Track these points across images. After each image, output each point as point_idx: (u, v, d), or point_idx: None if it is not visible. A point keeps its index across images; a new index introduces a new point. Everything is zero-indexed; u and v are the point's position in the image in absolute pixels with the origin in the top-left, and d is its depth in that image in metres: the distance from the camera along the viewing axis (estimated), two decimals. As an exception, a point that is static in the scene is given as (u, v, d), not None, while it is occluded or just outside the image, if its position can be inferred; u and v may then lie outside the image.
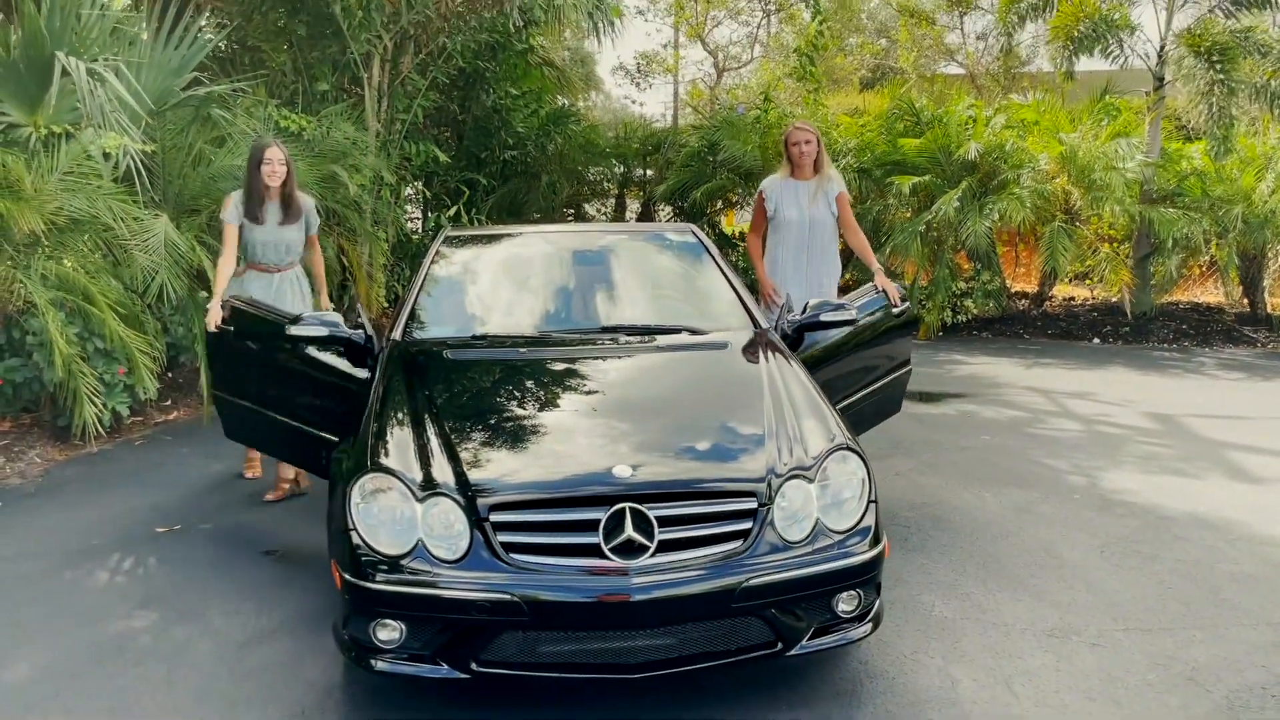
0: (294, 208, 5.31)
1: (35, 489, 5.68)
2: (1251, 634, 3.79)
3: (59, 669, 3.55)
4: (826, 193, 5.57)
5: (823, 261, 5.63)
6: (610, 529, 2.97)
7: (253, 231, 5.22)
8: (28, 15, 6.30)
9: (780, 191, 5.62)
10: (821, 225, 5.57)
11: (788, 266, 5.60)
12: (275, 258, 5.30)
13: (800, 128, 5.62)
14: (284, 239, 5.31)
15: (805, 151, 5.53)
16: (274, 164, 5.14)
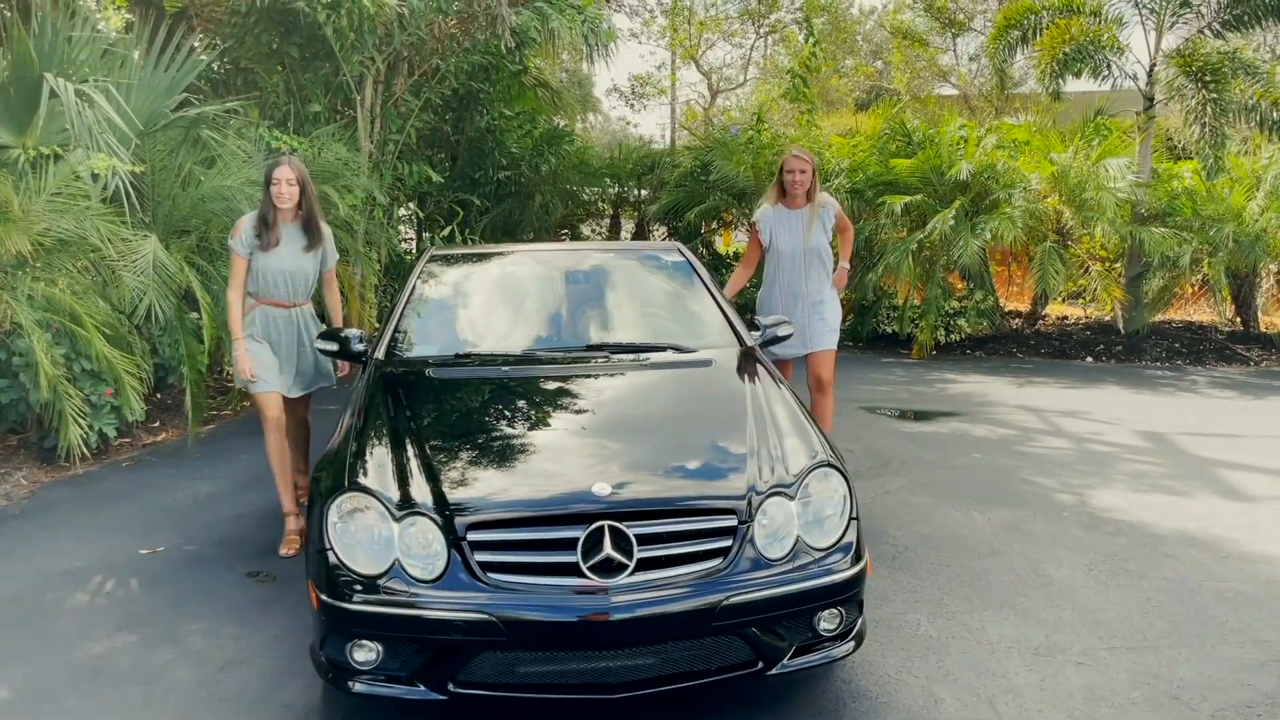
0: (315, 233, 4.86)
1: (21, 511, 5.64)
2: (1238, 652, 3.76)
3: (37, 691, 3.52)
4: (822, 219, 5.62)
5: (820, 287, 5.68)
6: (589, 547, 2.95)
7: (263, 260, 4.75)
8: (17, 37, 6.33)
9: (774, 221, 5.66)
10: (816, 253, 5.63)
11: (785, 295, 5.67)
12: (288, 291, 4.84)
13: (797, 156, 5.61)
14: (301, 269, 4.84)
15: (799, 180, 5.52)
16: (281, 184, 4.67)
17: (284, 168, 4.71)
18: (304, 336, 4.94)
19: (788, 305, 5.59)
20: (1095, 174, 10.67)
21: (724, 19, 22.04)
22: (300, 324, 4.93)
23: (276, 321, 4.85)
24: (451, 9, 9.15)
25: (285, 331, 4.87)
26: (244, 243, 4.76)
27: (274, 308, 4.84)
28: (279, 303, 4.84)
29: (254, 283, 4.81)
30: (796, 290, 5.63)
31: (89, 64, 6.81)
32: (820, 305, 5.66)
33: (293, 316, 4.89)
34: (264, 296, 4.83)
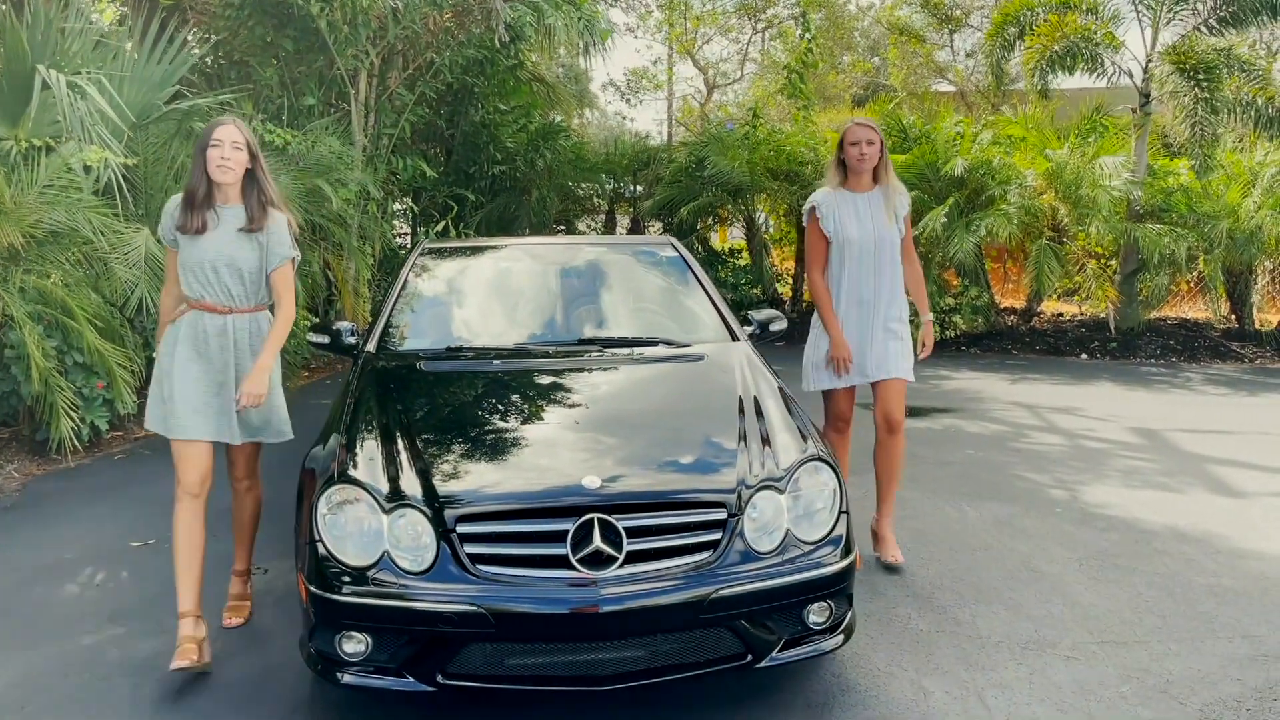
0: (258, 212, 3.66)
1: (12, 503, 5.64)
2: (1227, 647, 3.77)
3: (26, 682, 3.52)
4: (895, 208, 4.46)
5: (893, 294, 4.46)
6: (578, 540, 2.95)
7: (188, 247, 3.59)
8: (9, 29, 6.31)
9: (836, 205, 4.46)
10: (890, 246, 4.43)
11: (848, 302, 4.47)
12: (220, 290, 3.62)
13: (862, 124, 4.43)
14: (234, 261, 3.60)
15: (865, 155, 4.35)
16: (225, 146, 3.53)
17: (228, 126, 3.58)
18: (246, 357, 3.69)
19: (850, 315, 4.46)
20: (1091, 171, 10.68)
21: (720, 14, 22.01)
22: (239, 339, 3.67)
23: (207, 334, 3.61)
24: (446, 3, 9.14)
25: (217, 347, 3.62)
26: (168, 229, 3.66)
27: (204, 313, 3.63)
28: (209, 306, 3.62)
29: (183, 281, 3.66)
30: (864, 295, 4.42)
31: (81, 56, 6.81)
32: (893, 319, 4.46)
33: (228, 328, 3.63)
34: (191, 297, 3.63)
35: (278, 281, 3.73)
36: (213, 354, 3.63)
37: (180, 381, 3.58)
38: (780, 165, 12.39)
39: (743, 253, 14.55)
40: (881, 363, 4.45)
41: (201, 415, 3.60)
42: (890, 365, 4.45)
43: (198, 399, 3.59)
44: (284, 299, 3.76)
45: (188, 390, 3.58)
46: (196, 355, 3.62)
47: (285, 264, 3.74)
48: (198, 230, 3.59)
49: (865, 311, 4.44)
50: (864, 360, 4.45)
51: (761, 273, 13.32)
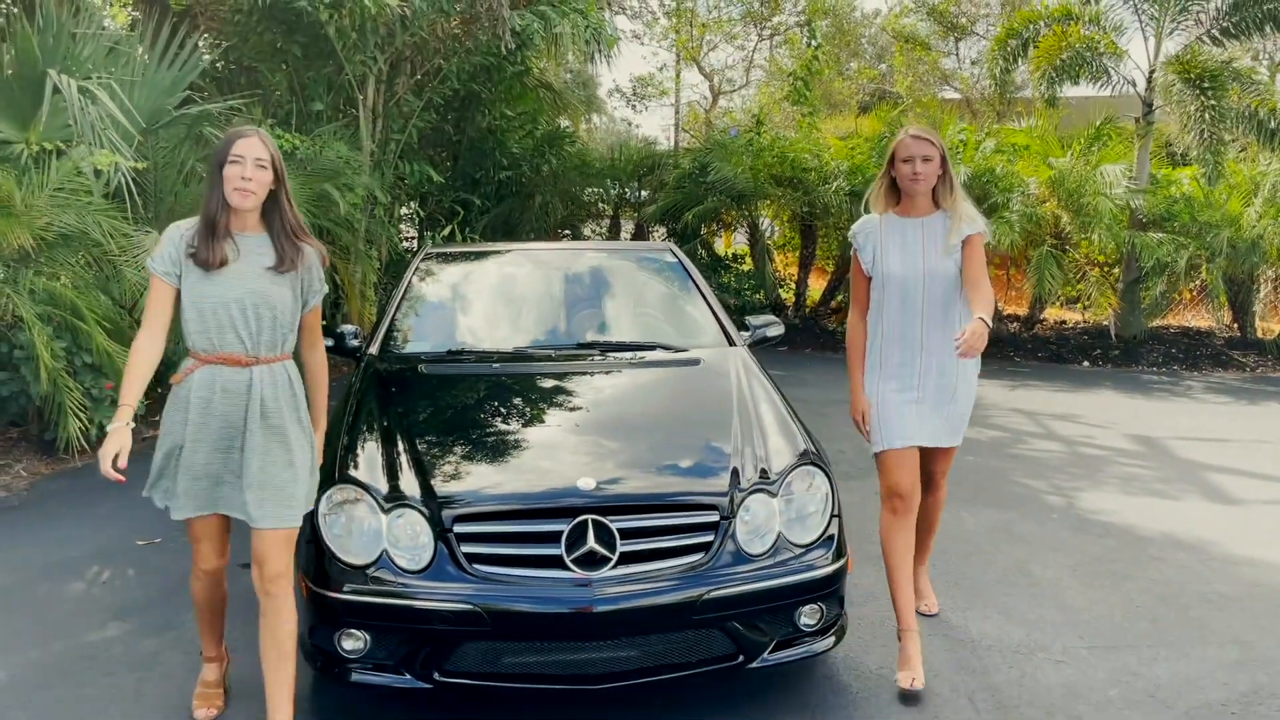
0: (288, 247, 3.01)
1: (20, 501, 5.71)
2: (1217, 652, 3.81)
3: (30, 678, 3.58)
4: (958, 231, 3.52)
5: (947, 342, 3.50)
6: (573, 540, 3.01)
7: (204, 286, 2.91)
8: (21, 33, 6.40)
9: (881, 234, 3.62)
10: (945, 284, 3.53)
11: (891, 352, 3.61)
12: (247, 337, 2.95)
13: (918, 136, 3.49)
14: (267, 299, 2.95)
15: (921, 174, 3.45)
16: (247, 163, 2.87)
17: (250, 139, 2.92)
18: (271, 417, 2.99)
19: (890, 365, 3.60)
20: (1093, 179, 10.73)
21: (726, 21, 22.10)
22: (265, 395, 2.98)
23: (228, 394, 2.95)
24: (454, 10, 9.22)
25: (235, 405, 2.96)
26: (173, 258, 2.94)
27: (224, 367, 2.94)
28: (232, 358, 2.94)
29: (192, 328, 2.95)
30: (910, 339, 3.56)
31: (93, 60, 6.88)
32: (948, 375, 3.57)
33: (252, 383, 2.96)
34: (205, 349, 2.95)
35: (312, 321, 3.22)
36: (228, 413, 2.96)
37: (190, 454, 2.98)
38: (784, 172, 12.45)
39: (746, 258, 14.61)
40: (939, 430, 3.63)
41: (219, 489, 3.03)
42: (944, 431, 3.65)
43: (209, 471, 3.01)
44: (319, 340, 3.29)
45: (198, 463, 2.99)
46: (209, 418, 2.96)
47: (319, 301, 3.21)
48: (219, 264, 2.90)
49: (909, 360, 3.57)
50: (903, 421, 3.57)
51: (764, 278, 13.37)
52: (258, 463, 2.96)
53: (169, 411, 3.04)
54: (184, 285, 2.94)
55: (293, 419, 3.03)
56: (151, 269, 2.98)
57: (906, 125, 3.68)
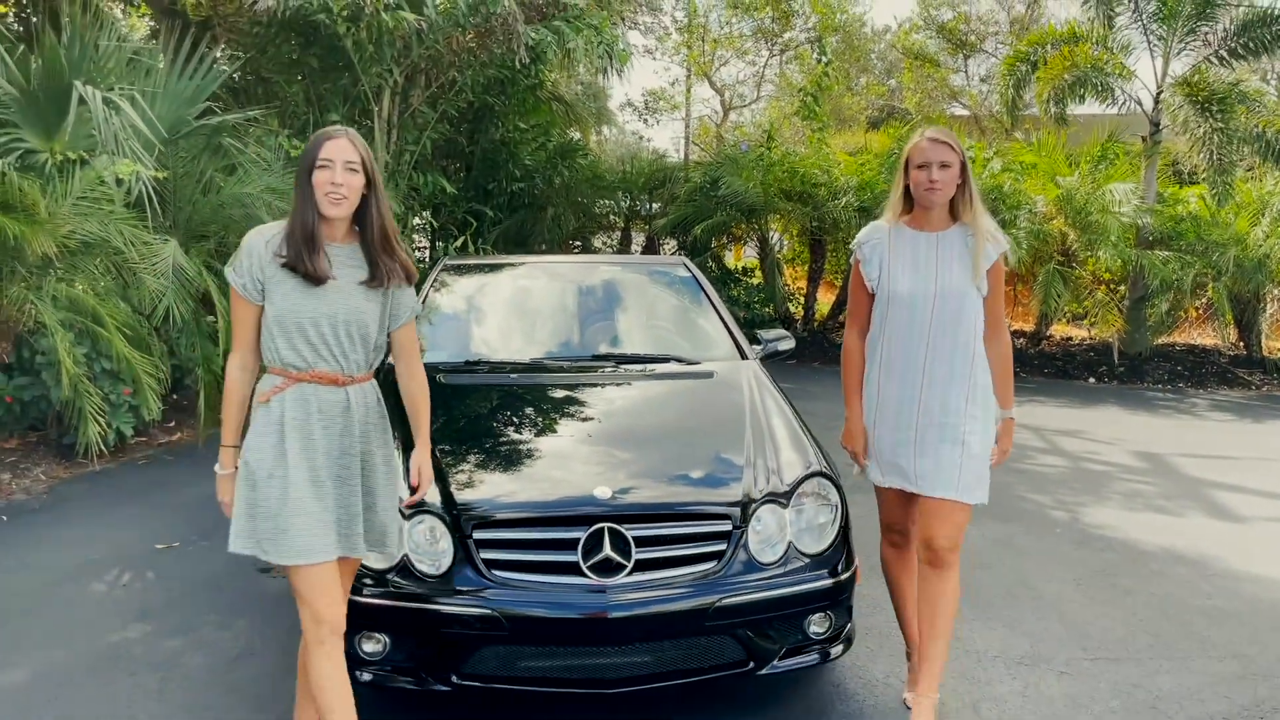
0: (384, 260, 2.79)
1: (40, 505, 5.81)
2: (1218, 666, 3.88)
3: (56, 677, 3.67)
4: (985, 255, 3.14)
5: (953, 375, 3.14)
6: (589, 548, 3.09)
7: (296, 300, 2.67)
8: (48, 45, 6.52)
9: (887, 246, 3.26)
10: (958, 309, 3.13)
11: (891, 381, 3.24)
12: (341, 355, 2.73)
13: (935, 139, 3.11)
14: (360, 317, 2.74)
15: (938, 181, 3.08)
16: (337, 168, 2.62)
17: (339, 140, 2.66)
18: (372, 437, 2.83)
19: (888, 395, 3.25)
20: (1100, 197, 10.81)
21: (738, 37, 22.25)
22: (367, 417, 2.82)
23: (325, 416, 2.72)
24: (469, 24, 9.33)
25: (339, 429, 2.74)
26: (252, 272, 2.70)
27: (319, 386, 2.72)
28: (326, 376, 2.72)
29: (279, 343, 2.70)
30: (908, 371, 3.19)
31: (116, 72, 7.01)
32: (954, 411, 3.14)
33: (350, 403, 2.75)
34: (298, 366, 2.71)
35: (405, 340, 2.96)
36: (332, 439, 2.72)
37: (295, 486, 2.64)
38: (794, 187, 12.56)
39: (756, 272, 14.71)
40: (929, 472, 3.17)
41: (327, 528, 2.69)
42: (939, 478, 3.15)
43: (318, 506, 2.67)
44: (417, 360, 3.01)
45: (304, 496, 2.65)
46: (309, 445, 2.69)
47: (412, 319, 2.98)
48: (318, 278, 2.67)
49: (909, 394, 3.19)
50: (898, 459, 3.24)
51: (774, 292, 13.46)
52: (368, 494, 2.81)
53: (256, 436, 2.70)
54: (271, 298, 2.68)
55: (383, 442, 2.87)
56: (233, 283, 2.72)
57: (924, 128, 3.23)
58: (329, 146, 2.64)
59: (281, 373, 2.71)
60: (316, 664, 2.71)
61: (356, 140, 2.70)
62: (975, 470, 3.16)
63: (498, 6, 8.77)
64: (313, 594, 2.67)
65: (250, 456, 2.69)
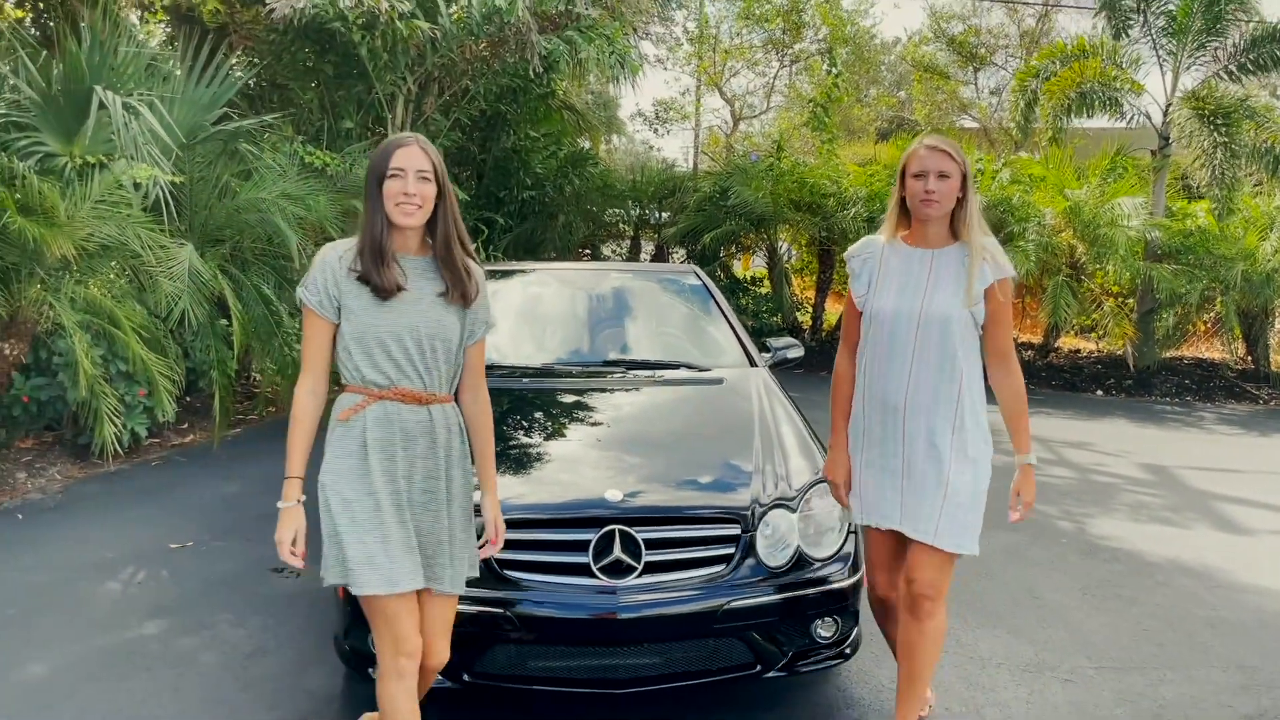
0: (456, 272, 2.64)
1: (55, 504, 5.88)
2: (1221, 676, 3.91)
3: (74, 672, 3.72)
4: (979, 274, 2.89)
5: (938, 403, 2.92)
6: (600, 550, 3.14)
7: (374, 315, 2.57)
8: (69, 51, 6.62)
9: (879, 261, 3.07)
10: (945, 332, 2.90)
11: (874, 407, 3.05)
12: (424, 370, 2.62)
13: (935, 146, 2.90)
14: (442, 330, 2.62)
15: (935, 192, 2.86)
16: (409, 177, 2.52)
17: (411, 148, 2.56)
18: (454, 460, 2.69)
19: (872, 423, 3.06)
20: (1109, 211, 10.85)
21: (748, 48, 22.35)
22: (447, 437, 2.68)
23: (408, 436, 2.60)
24: (483, 33, 9.43)
25: (423, 450, 2.62)
26: (326, 288, 2.59)
27: (401, 405, 2.60)
28: (409, 394, 2.60)
29: (359, 360, 2.59)
30: (890, 396, 2.98)
31: (134, 77, 7.10)
32: (942, 444, 2.93)
33: (433, 422, 2.64)
34: (379, 383, 2.60)
35: (476, 358, 2.80)
36: (414, 462, 2.61)
37: (379, 510, 2.55)
38: (803, 197, 12.62)
39: (764, 281, 14.77)
40: (911, 509, 2.96)
41: (411, 555, 2.57)
42: (920, 517, 2.94)
43: (402, 532, 2.56)
44: (482, 382, 2.84)
45: (389, 521, 2.55)
46: (391, 466, 2.57)
47: (484, 337, 2.83)
48: (391, 291, 2.56)
49: (891, 423, 2.98)
50: (883, 493, 3.03)
51: (782, 301, 13.51)
52: (452, 521, 2.67)
53: (335, 458, 2.59)
54: (348, 314, 2.58)
55: (463, 467, 2.72)
56: (304, 301, 2.60)
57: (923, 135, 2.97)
58: (400, 155, 2.54)
59: (362, 390, 2.59)
60: (390, 696, 2.64)
61: (428, 148, 2.60)
62: (958, 516, 2.91)
63: (511, 16, 8.85)
64: (390, 623, 2.58)
65: (329, 480, 2.58)
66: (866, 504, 3.11)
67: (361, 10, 8.48)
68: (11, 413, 6.44)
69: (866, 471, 3.10)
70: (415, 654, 2.62)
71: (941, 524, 2.92)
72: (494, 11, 8.88)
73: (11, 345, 6.25)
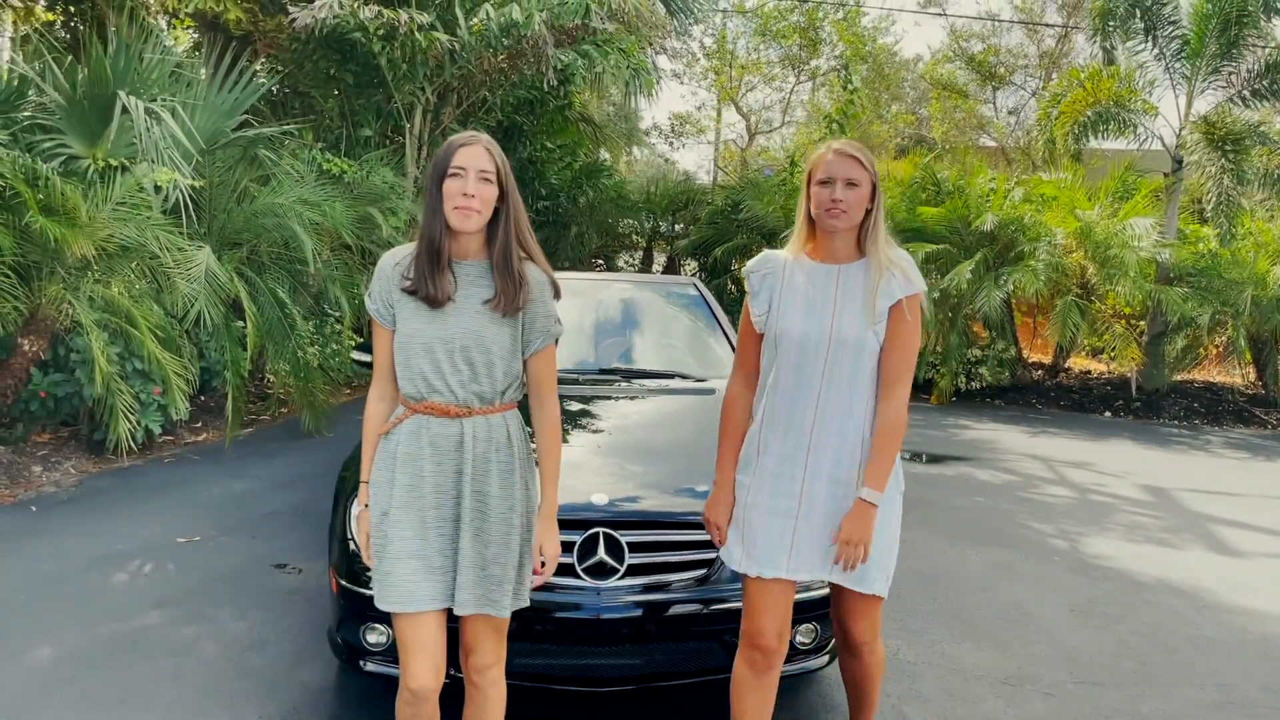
0: (507, 281, 2.50)
1: (69, 497, 6.02)
2: (1199, 693, 3.96)
3: (78, 658, 3.85)
4: (884, 290, 2.63)
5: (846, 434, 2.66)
6: (585, 551, 3.24)
7: (413, 323, 2.50)
8: (94, 56, 6.80)
9: (780, 278, 2.78)
10: (857, 357, 2.64)
11: (774, 436, 2.73)
12: (455, 383, 2.50)
13: (844, 151, 2.64)
14: (481, 340, 2.50)
15: (842, 202, 2.60)
16: (469, 177, 2.41)
17: (474, 148, 2.45)
18: (493, 478, 2.55)
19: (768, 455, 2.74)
20: (1120, 232, 10.89)
21: (765, 63, 22.49)
22: (478, 454, 2.54)
23: (437, 451, 2.52)
24: (501, 46, 9.59)
25: (453, 466, 2.52)
26: (384, 296, 2.56)
27: (431, 419, 2.52)
28: (438, 408, 2.51)
29: (399, 371, 2.57)
30: (797, 428, 2.68)
31: (159, 83, 7.29)
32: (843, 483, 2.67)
33: (465, 438, 2.52)
34: (413, 396, 2.54)
35: (540, 369, 2.63)
36: (444, 477, 2.52)
37: (399, 525, 2.49)
38: (816, 212, 12.69)
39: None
40: (800, 551, 2.69)
41: (430, 574, 2.51)
42: (824, 558, 2.69)
43: (423, 549, 2.51)
44: (548, 396, 2.65)
45: (408, 537, 2.50)
46: (419, 481, 2.51)
47: (550, 346, 2.64)
48: (442, 300, 2.47)
49: (792, 459, 2.69)
50: (772, 537, 2.70)
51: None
52: (490, 543, 2.53)
53: (376, 468, 2.59)
54: (397, 321, 2.53)
55: (508, 483, 2.55)
56: (369, 310, 2.59)
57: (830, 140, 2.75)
58: (462, 154, 2.43)
59: (405, 403, 2.56)
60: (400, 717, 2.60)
61: (493, 148, 2.48)
62: (878, 562, 2.68)
63: (529, 29, 9.01)
64: (407, 650, 2.51)
65: (373, 495, 2.58)
66: (754, 549, 2.72)
67: (382, 22, 8.66)
68: (29, 408, 6.61)
69: (754, 514, 2.73)
70: (421, 690, 2.52)
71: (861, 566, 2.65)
72: (512, 25, 9.04)
73: (31, 341, 6.41)
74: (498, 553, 2.54)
